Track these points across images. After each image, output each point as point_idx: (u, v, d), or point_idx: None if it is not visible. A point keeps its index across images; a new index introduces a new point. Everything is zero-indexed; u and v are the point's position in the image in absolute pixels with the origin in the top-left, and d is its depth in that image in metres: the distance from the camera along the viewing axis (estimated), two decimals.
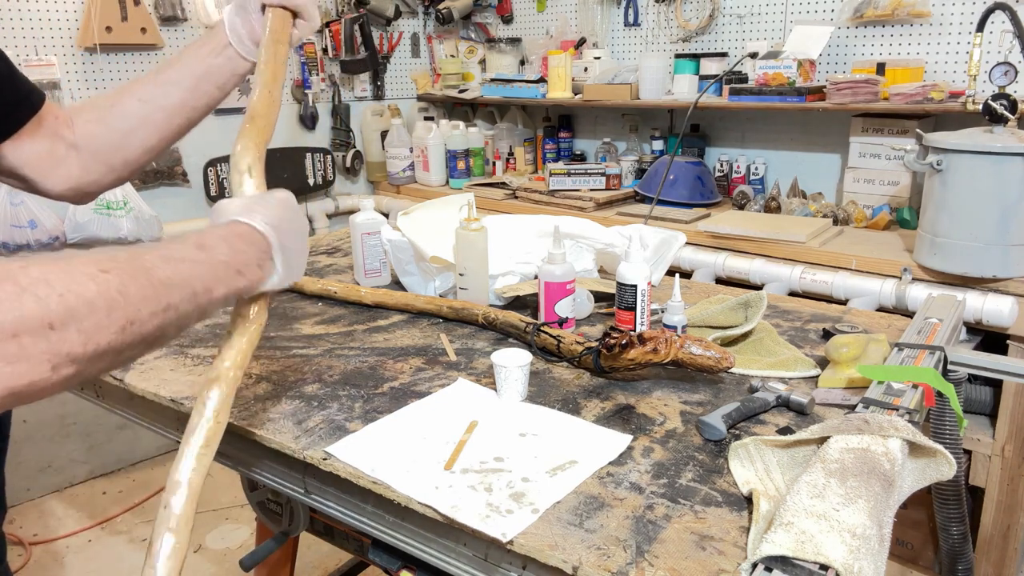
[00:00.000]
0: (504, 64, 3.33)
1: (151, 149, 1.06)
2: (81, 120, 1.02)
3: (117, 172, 1.06)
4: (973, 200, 1.79)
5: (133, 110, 1.03)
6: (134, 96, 1.03)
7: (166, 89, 1.03)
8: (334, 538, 1.43)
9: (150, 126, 1.04)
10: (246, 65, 1.04)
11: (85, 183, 1.04)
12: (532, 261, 1.53)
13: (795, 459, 0.89)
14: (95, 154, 1.03)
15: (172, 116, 1.04)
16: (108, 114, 1.03)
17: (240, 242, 0.76)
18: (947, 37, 2.30)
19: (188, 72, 1.03)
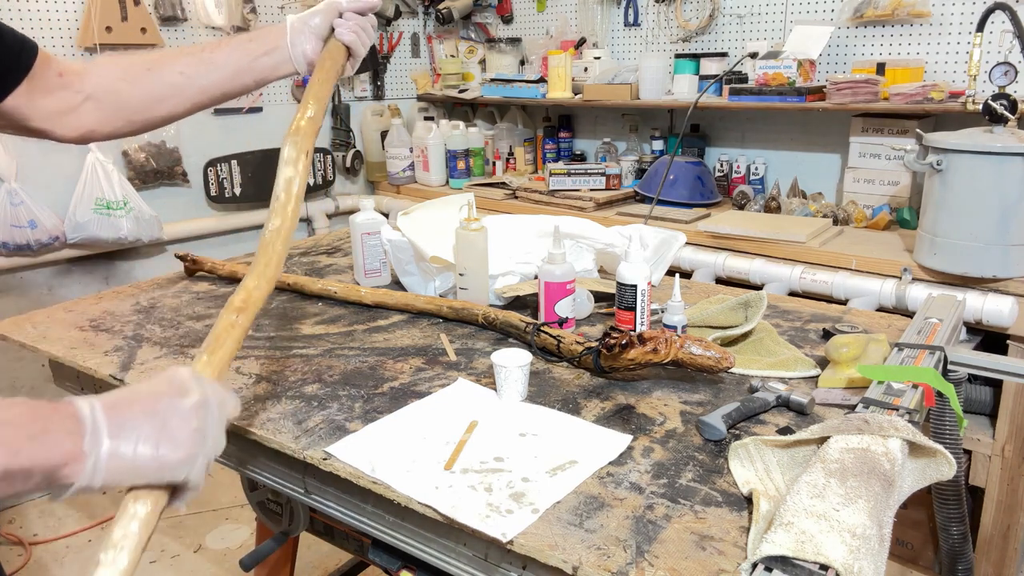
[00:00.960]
0: (504, 64, 3.33)
1: (173, 117, 1.12)
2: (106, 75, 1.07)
3: (135, 128, 1.12)
4: (973, 200, 1.79)
5: (171, 80, 1.08)
6: (175, 67, 1.08)
7: (209, 68, 1.09)
8: (334, 538, 1.43)
9: (182, 98, 1.10)
10: (287, 72, 1.11)
11: (100, 132, 1.09)
12: (532, 261, 1.53)
13: (795, 459, 0.89)
14: (119, 110, 1.08)
15: (204, 93, 1.10)
16: (144, 77, 1.08)
17: (46, 408, 0.60)
18: (947, 37, 2.30)
19: (234, 60, 1.09)
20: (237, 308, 0.83)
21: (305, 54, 1.10)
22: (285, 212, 0.92)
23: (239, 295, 0.84)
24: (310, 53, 1.10)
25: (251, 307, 0.84)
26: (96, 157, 2.58)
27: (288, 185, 0.93)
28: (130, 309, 1.56)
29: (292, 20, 1.11)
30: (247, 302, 0.84)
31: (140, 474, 0.63)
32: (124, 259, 2.83)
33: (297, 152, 0.95)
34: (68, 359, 1.31)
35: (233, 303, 0.84)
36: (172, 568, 2.31)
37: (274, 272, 0.89)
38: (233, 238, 3.14)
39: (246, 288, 0.85)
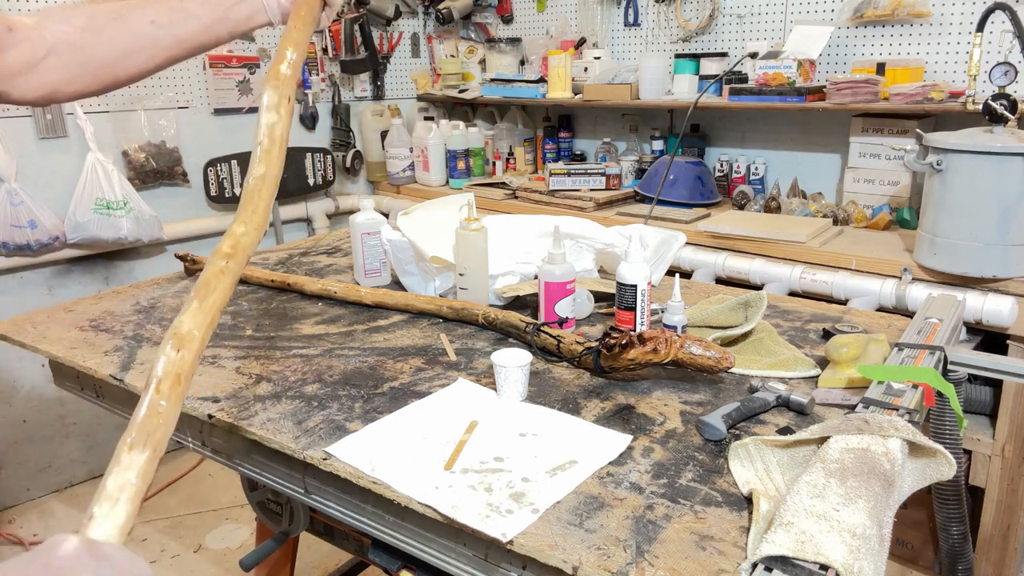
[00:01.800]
0: (504, 64, 3.33)
1: (144, 73, 1.03)
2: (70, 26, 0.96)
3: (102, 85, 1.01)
4: (973, 200, 1.79)
5: (142, 31, 0.99)
6: (146, 16, 0.99)
7: (183, 17, 1.01)
8: (334, 538, 1.43)
9: (156, 49, 1.01)
10: (262, 22, 1.05)
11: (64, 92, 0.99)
12: (532, 261, 1.53)
13: (795, 459, 0.89)
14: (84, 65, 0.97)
15: (178, 45, 1.02)
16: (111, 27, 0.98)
17: None
18: (947, 37, 2.30)
19: (208, 9, 1.02)
20: (226, 254, 0.79)
21: (280, 3, 1.04)
22: (269, 158, 0.88)
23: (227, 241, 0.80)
24: (284, 2, 1.04)
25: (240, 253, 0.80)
26: (96, 157, 2.58)
27: (271, 130, 0.89)
28: (130, 309, 1.56)
29: None
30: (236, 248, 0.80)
31: None
32: (124, 259, 2.83)
33: (279, 97, 0.91)
34: (68, 359, 1.31)
35: (221, 249, 0.80)
36: (172, 568, 2.31)
37: (262, 219, 0.84)
38: None
39: (233, 234, 0.81)
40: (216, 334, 1.40)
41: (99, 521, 0.57)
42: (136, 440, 0.62)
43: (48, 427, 2.70)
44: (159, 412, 0.65)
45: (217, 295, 0.76)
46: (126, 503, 0.58)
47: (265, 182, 0.86)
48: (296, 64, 0.96)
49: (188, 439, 1.22)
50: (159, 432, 0.64)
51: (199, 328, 0.73)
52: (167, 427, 0.65)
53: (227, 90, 3.00)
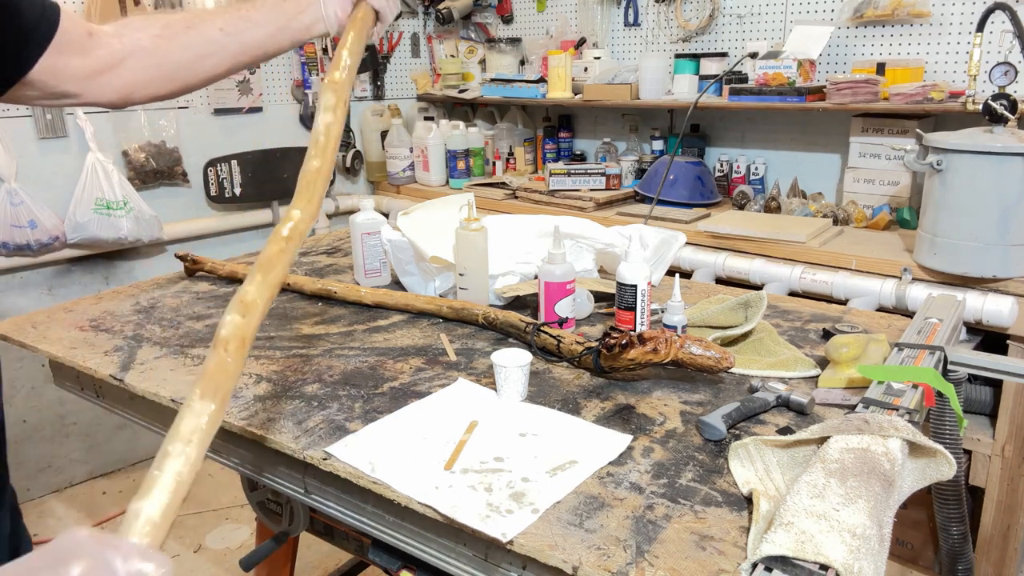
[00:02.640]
0: (504, 64, 3.33)
1: (214, 77, 1.09)
2: (146, 33, 1.03)
3: (175, 87, 1.08)
4: (973, 200, 1.79)
5: (212, 36, 1.05)
6: (215, 24, 1.05)
7: (248, 26, 1.07)
8: (334, 538, 1.43)
9: (225, 54, 1.07)
10: (320, 32, 1.10)
11: (141, 93, 1.05)
12: (532, 261, 1.53)
13: (795, 459, 0.89)
14: (160, 67, 1.04)
15: (245, 52, 1.08)
16: (184, 34, 1.05)
17: None
18: (947, 37, 2.30)
19: (272, 18, 1.08)
20: (285, 238, 0.84)
21: (336, 15, 1.09)
22: (325, 154, 0.94)
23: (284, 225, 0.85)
24: (340, 14, 1.09)
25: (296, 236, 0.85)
26: (96, 157, 2.58)
27: (328, 129, 0.96)
28: (130, 309, 1.56)
29: None
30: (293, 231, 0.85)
31: None
32: (124, 259, 2.83)
33: (336, 99, 0.97)
34: (68, 359, 1.31)
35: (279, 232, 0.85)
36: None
37: (316, 208, 0.90)
38: (233, 238, 3.14)
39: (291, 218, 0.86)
40: None
41: (173, 458, 0.63)
42: (206, 390, 0.68)
43: (48, 427, 2.70)
44: (226, 368, 0.71)
45: (278, 271, 0.81)
46: (196, 446, 0.65)
47: (320, 175, 0.93)
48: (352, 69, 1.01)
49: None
50: (225, 386, 0.70)
51: (262, 299, 0.78)
52: (232, 382, 0.71)
53: (227, 90, 3.00)
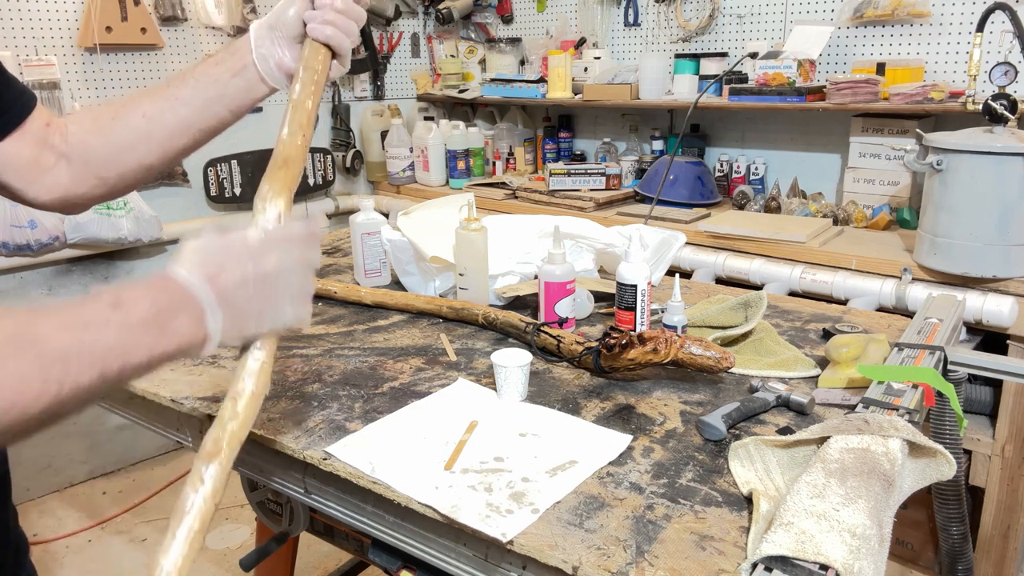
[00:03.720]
0: (504, 64, 3.33)
1: (149, 167, 0.99)
2: (78, 129, 0.96)
3: (110, 186, 0.99)
4: (973, 200, 1.79)
5: (135, 124, 0.95)
6: (139, 110, 0.95)
7: (173, 105, 0.95)
8: (334, 538, 1.43)
9: (151, 143, 0.96)
10: (265, 91, 0.95)
11: (74, 195, 0.97)
12: (532, 261, 1.53)
13: (795, 459, 0.89)
14: (87, 165, 0.96)
15: (175, 135, 0.96)
16: (108, 126, 0.96)
17: (165, 295, 0.66)
18: (947, 37, 2.30)
19: (200, 91, 0.94)
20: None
21: (280, 65, 0.92)
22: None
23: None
24: (287, 62, 0.92)
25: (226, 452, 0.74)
26: None
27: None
28: None
29: (254, 28, 0.93)
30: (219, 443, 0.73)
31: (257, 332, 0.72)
32: (124, 259, 2.83)
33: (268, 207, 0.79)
34: None
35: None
36: None
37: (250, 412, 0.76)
38: None
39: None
40: None
41: None
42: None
43: None
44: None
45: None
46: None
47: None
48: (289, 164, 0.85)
49: (188, 439, 1.22)
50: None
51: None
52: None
53: None
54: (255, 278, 0.70)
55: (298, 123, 0.86)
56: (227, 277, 0.69)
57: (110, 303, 0.62)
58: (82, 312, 0.61)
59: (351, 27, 0.93)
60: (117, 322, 0.61)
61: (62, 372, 0.57)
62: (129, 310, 0.62)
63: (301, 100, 0.87)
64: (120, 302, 0.62)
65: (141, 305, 0.63)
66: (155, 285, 0.66)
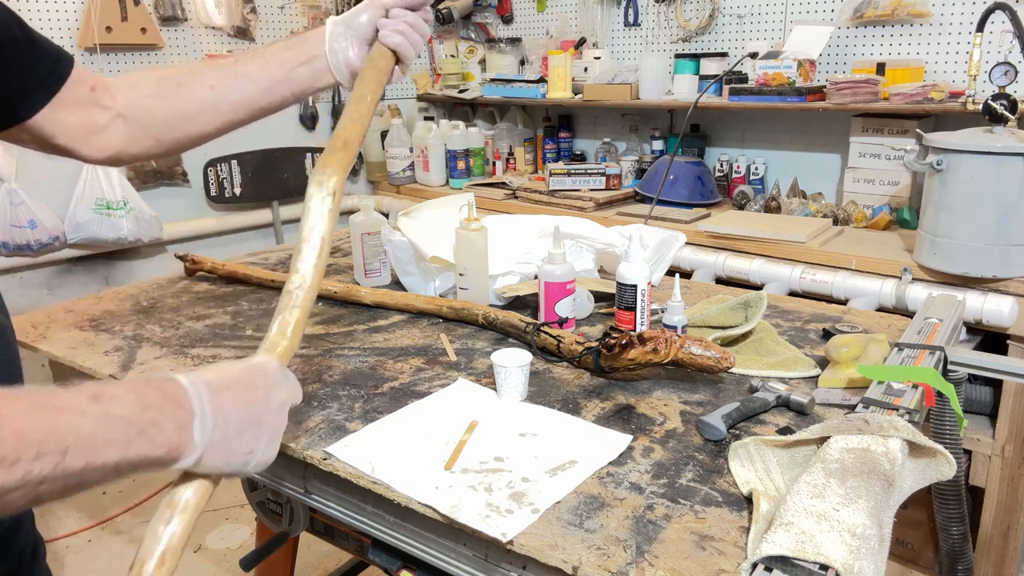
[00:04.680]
0: (504, 64, 3.33)
1: (206, 136, 1.04)
2: (138, 92, 1.00)
3: (166, 149, 1.04)
4: (973, 200, 1.79)
5: (201, 95, 1.00)
6: (206, 81, 1.00)
7: (241, 81, 1.00)
8: (334, 538, 1.43)
9: (214, 114, 1.01)
10: (328, 82, 1.01)
11: (128, 154, 1.02)
12: (532, 261, 1.53)
13: (795, 459, 0.89)
14: (147, 128, 1.00)
15: (238, 109, 1.02)
16: (174, 92, 1.00)
17: (155, 395, 0.60)
18: (947, 37, 2.30)
19: (269, 72, 1.00)
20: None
21: (347, 62, 0.99)
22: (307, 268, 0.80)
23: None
24: (353, 60, 0.99)
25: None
26: None
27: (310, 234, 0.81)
28: (130, 309, 1.56)
29: (331, 23, 1.00)
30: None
31: (229, 466, 0.66)
32: (124, 259, 2.83)
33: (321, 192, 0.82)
34: (68, 359, 1.31)
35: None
36: None
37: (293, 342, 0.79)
38: (233, 238, 3.15)
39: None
40: (216, 334, 1.40)
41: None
42: None
43: None
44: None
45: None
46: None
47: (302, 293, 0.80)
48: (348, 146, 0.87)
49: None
50: None
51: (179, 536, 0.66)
52: None
53: None
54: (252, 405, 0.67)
55: (359, 113, 0.92)
56: (231, 396, 0.65)
57: (91, 395, 0.57)
58: (58, 397, 0.56)
59: (417, 40, 1.00)
60: (95, 413, 0.56)
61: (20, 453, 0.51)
62: (111, 403, 0.57)
63: (364, 94, 0.94)
64: (102, 395, 0.57)
65: (125, 400, 0.58)
66: (148, 382, 0.62)
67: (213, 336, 1.39)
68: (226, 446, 0.64)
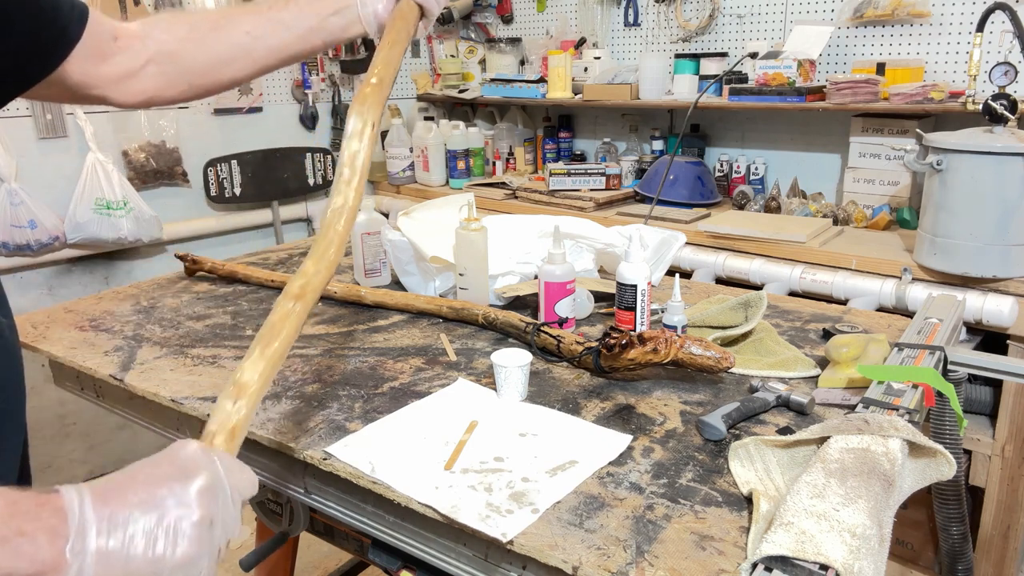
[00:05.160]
0: (504, 64, 3.33)
1: (239, 81, 1.05)
2: (170, 36, 1.00)
3: (198, 93, 1.04)
4: (973, 200, 1.79)
5: (237, 40, 1.01)
6: (241, 27, 1.01)
7: (276, 28, 1.02)
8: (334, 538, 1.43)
9: (248, 60, 1.03)
10: (358, 32, 1.03)
11: (161, 98, 1.02)
12: (532, 261, 1.53)
13: (795, 459, 0.89)
14: (181, 73, 1.01)
15: (272, 55, 1.04)
16: (209, 37, 1.01)
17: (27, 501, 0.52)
18: (947, 37, 2.30)
19: (303, 20, 1.02)
20: (295, 296, 0.77)
21: (376, 14, 1.02)
22: (349, 189, 0.84)
23: (297, 281, 0.78)
24: (381, 12, 1.02)
25: (309, 294, 0.78)
26: (96, 157, 2.58)
27: (352, 160, 0.85)
28: (130, 309, 1.56)
29: None
30: (305, 288, 0.78)
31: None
32: (124, 259, 2.83)
33: (363, 123, 0.87)
34: (68, 359, 1.31)
35: (291, 291, 0.78)
36: None
37: (335, 255, 0.82)
38: (233, 238, 3.15)
39: (305, 273, 0.79)
40: (216, 334, 1.40)
41: None
42: None
43: (48, 427, 2.69)
44: None
45: (281, 341, 0.74)
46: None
47: (342, 215, 0.83)
48: (383, 85, 0.92)
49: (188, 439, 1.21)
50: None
51: (260, 376, 0.71)
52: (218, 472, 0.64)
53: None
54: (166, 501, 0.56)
55: (392, 57, 0.95)
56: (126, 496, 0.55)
57: None
58: None
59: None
60: None
61: None
62: None
63: (396, 40, 0.97)
64: None
65: None
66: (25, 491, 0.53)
67: (213, 336, 1.39)
68: (123, 554, 0.54)
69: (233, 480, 0.61)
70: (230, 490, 0.61)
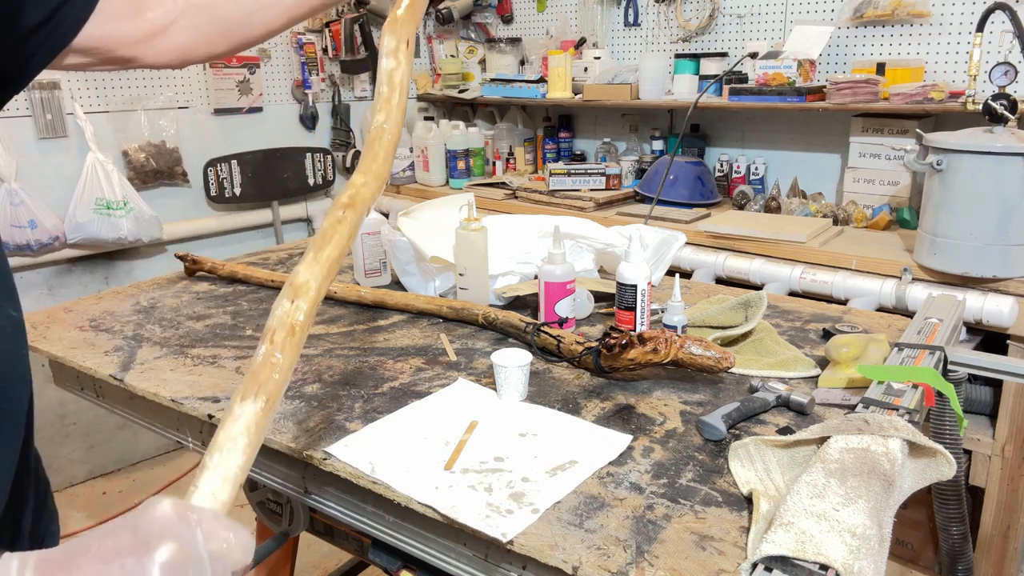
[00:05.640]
0: (504, 64, 3.33)
1: (272, 31, 1.03)
2: None
3: (232, 47, 1.02)
4: (973, 200, 1.79)
5: None
6: None
7: None
8: (334, 538, 1.43)
9: (279, 8, 1.01)
10: None
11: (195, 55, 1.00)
12: (532, 261, 1.53)
13: (795, 459, 0.89)
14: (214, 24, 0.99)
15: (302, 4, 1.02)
16: None
17: None
18: (947, 37, 2.30)
19: None
20: (344, 204, 0.76)
21: None
22: (389, 105, 0.84)
23: (346, 192, 0.78)
24: None
25: (359, 203, 0.77)
26: (96, 157, 2.58)
27: (390, 76, 0.84)
28: (130, 309, 1.56)
29: None
30: (354, 198, 0.77)
31: None
32: (124, 259, 2.83)
33: (397, 41, 0.86)
34: (68, 359, 1.31)
35: (340, 200, 0.77)
36: None
37: (382, 168, 0.81)
38: (233, 238, 3.15)
39: (353, 184, 0.79)
40: (216, 334, 1.40)
41: (209, 472, 0.55)
42: (248, 390, 0.60)
43: (48, 427, 2.70)
44: (273, 363, 0.63)
45: (333, 246, 0.74)
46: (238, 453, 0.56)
47: (385, 131, 0.83)
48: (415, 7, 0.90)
49: (188, 439, 1.22)
50: (272, 383, 0.62)
51: (315, 278, 0.71)
52: (282, 378, 0.63)
53: (227, 90, 3.00)
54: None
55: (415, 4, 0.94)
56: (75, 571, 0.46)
57: None
58: None
59: None
60: None
61: None
62: None
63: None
64: None
65: None
66: None
67: (213, 336, 1.39)
68: None
69: (215, 549, 0.48)
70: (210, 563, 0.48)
